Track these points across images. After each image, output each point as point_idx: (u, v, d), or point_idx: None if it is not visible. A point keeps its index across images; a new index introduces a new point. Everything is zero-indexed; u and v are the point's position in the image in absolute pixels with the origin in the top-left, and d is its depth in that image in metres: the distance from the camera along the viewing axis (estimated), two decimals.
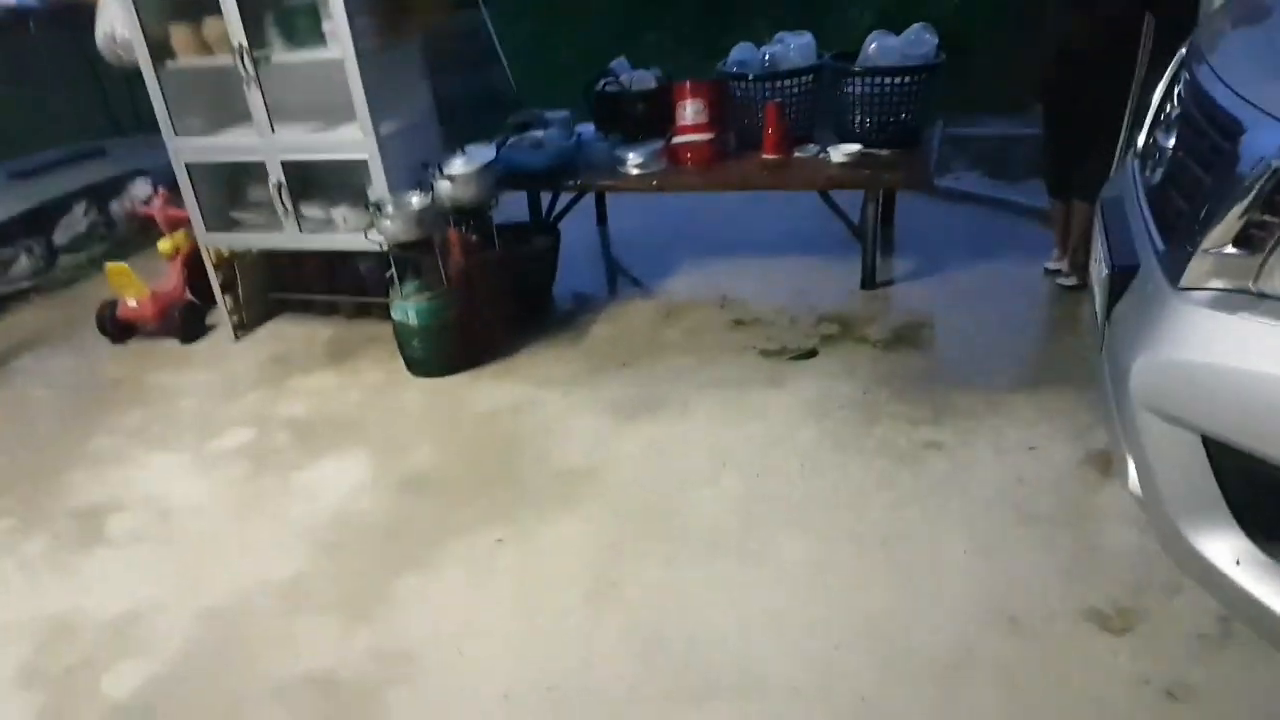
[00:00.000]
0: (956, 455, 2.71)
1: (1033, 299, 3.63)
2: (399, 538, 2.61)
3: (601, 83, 4.26)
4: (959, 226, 4.41)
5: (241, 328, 4.01)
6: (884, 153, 3.79)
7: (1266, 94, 1.42)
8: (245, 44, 3.31)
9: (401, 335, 3.44)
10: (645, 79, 4.24)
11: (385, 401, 3.36)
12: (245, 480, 2.98)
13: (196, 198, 3.70)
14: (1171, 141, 1.67)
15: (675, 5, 9.82)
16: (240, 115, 3.52)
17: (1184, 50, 1.91)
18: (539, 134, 4.15)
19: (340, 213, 3.63)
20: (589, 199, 4.58)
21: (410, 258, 3.36)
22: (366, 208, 3.29)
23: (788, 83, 3.95)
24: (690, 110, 4.00)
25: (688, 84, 4.02)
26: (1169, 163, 1.67)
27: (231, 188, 3.85)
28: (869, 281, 3.85)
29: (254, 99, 3.41)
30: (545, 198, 4.26)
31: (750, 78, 3.98)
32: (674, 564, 2.39)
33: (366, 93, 3.29)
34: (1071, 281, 3.59)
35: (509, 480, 2.82)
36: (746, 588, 2.28)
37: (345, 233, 3.64)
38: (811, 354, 3.39)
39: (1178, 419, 1.42)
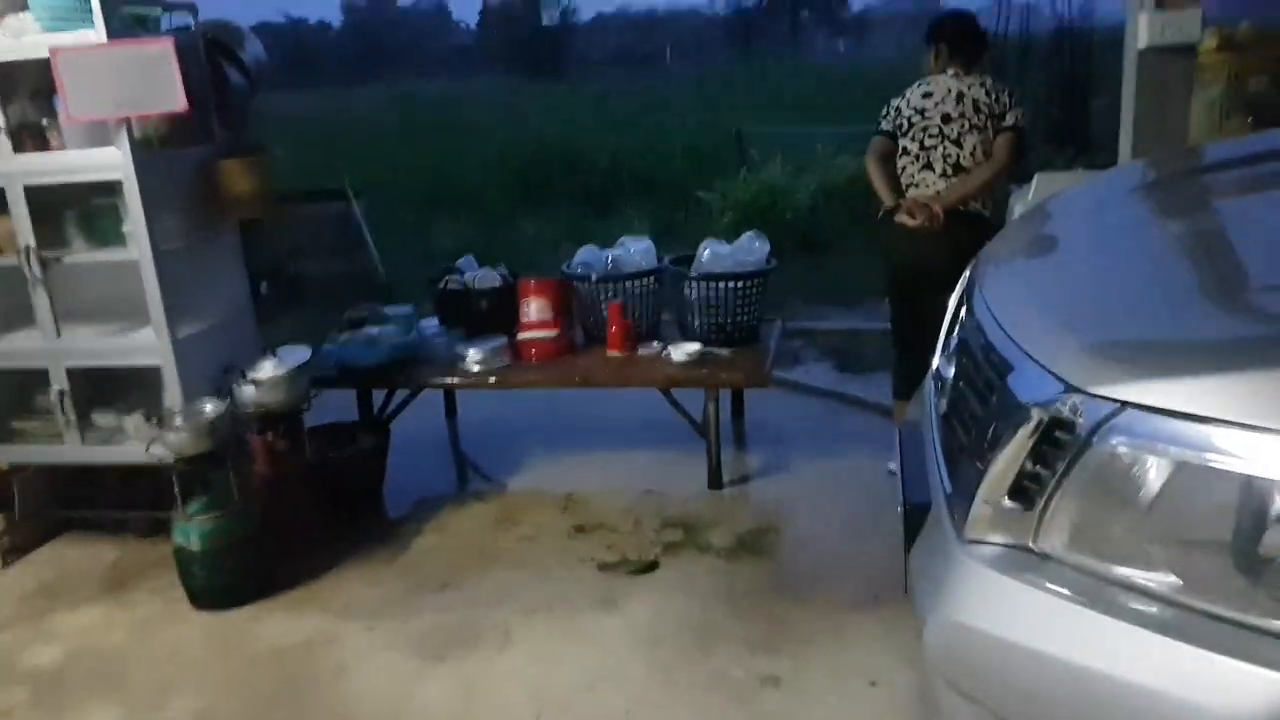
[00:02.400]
0: (793, 690, 2.46)
1: (879, 500, 3.51)
2: None
3: (445, 280, 4.16)
4: (810, 421, 4.37)
5: (13, 551, 3.52)
6: (723, 351, 3.75)
7: (1032, 334, 1.34)
8: (33, 244, 3.06)
9: (182, 562, 3.03)
10: (490, 277, 4.16)
11: (156, 641, 2.92)
12: None
13: None
14: (953, 372, 1.59)
15: (559, 201, 10.22)
16: (28, 317, 3.21)
17: (969, 273, 1.88)
18: (374, 330, 3.97)
19: (134, 421, 3.30)
20: (437, 393, 4.37)
21: (197, 472, 3.02)
22: (148, 419, 2.96)
23: (630, 284, 3.93)
24: (534, 307, 3.91)
25: (531, 282, 3.95)
26: (952, 392, 1.58)
27: (19, 393, 3.46)
28: (715, 481, 3.70)
29: (39, 301, 3.13)
30: (380, 395, 4.02)
31: (594, 278, 3.95)
32: None
33: (165, 294, 3.06)
34: None
35: None
36: None
37: (138, 443, 3.28)
38: (651, 566, 3.15)
39: (971, 697, 1.23)
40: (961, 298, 1.83)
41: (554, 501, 3.68)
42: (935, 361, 1.89)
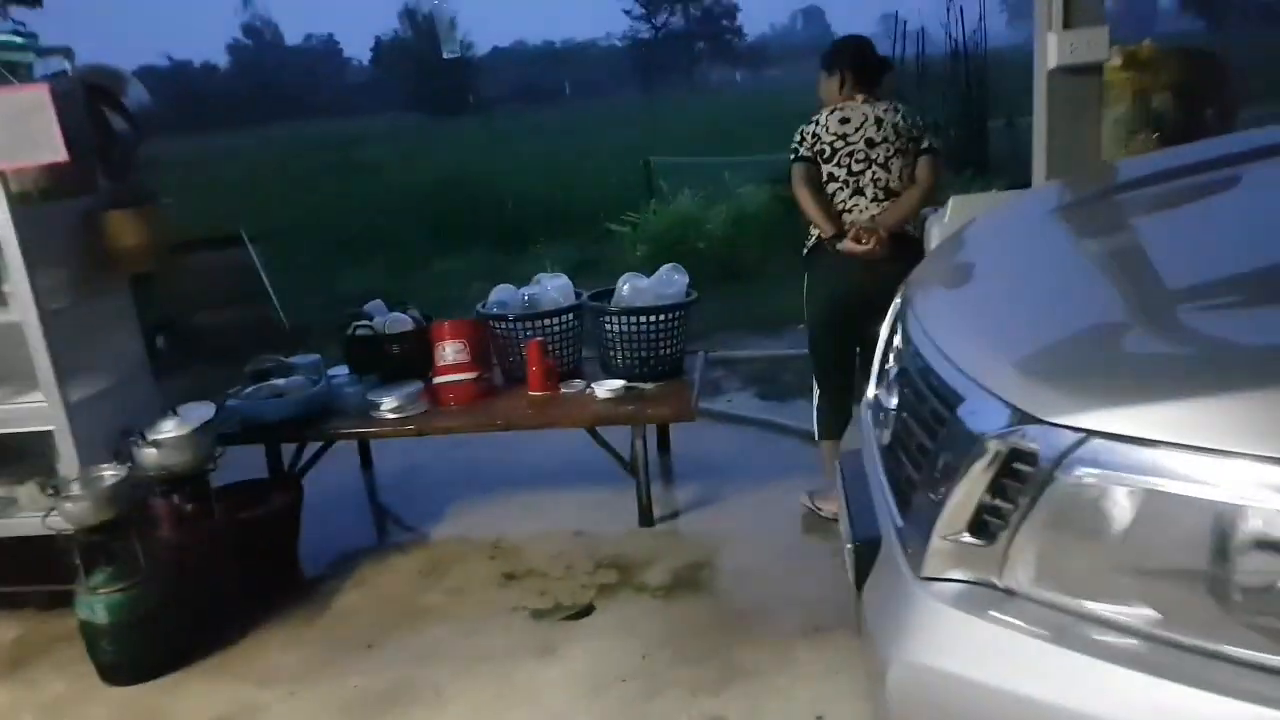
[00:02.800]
0: None
1: (811, 528, 3.53)
2: None
3: (353, 326, 4.00)
4: (736, 450, 4.36)
5: None
6: (648, 386, 3.71)
7: (980, 362, 1.33)
8: None
9: (88, 637, 2.80)
10: (402, 321, 4.02)
11: None
12: None
13: None
14: (894, 402, 1.57)
15: (469, 239, 10.07)
16: None
17: (899, 299, 1.88)
18: (280, 382, 3.79)
19: (27, 491, 3.05)
20: (351, 444, 4.19)
21: (99, 543, 2.80)
22: (43, 488, 2.73)
23: (548, 321, 3.86)
24: (450, 350, 3.79)
25: (445, 324, 3.84)
26: (894, 422, 1.57)
27: None
28: (646, 518, 3.64)
29: None
30: (290, 450, 3.82)
31: (511, 317, 3.87)
32: None
33: (53, 356, 2.85)
34: (831, 514, 3.48)
35: None
36: None
37: (33, 514, 3.03)
38: (587, 611, 3.06)
39: None
40: (894, 324, 1.82)
41: (481, 549, 3.55)
42: (870, 390, 1.88)
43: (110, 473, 2.85)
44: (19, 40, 3.41)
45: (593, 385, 3.71)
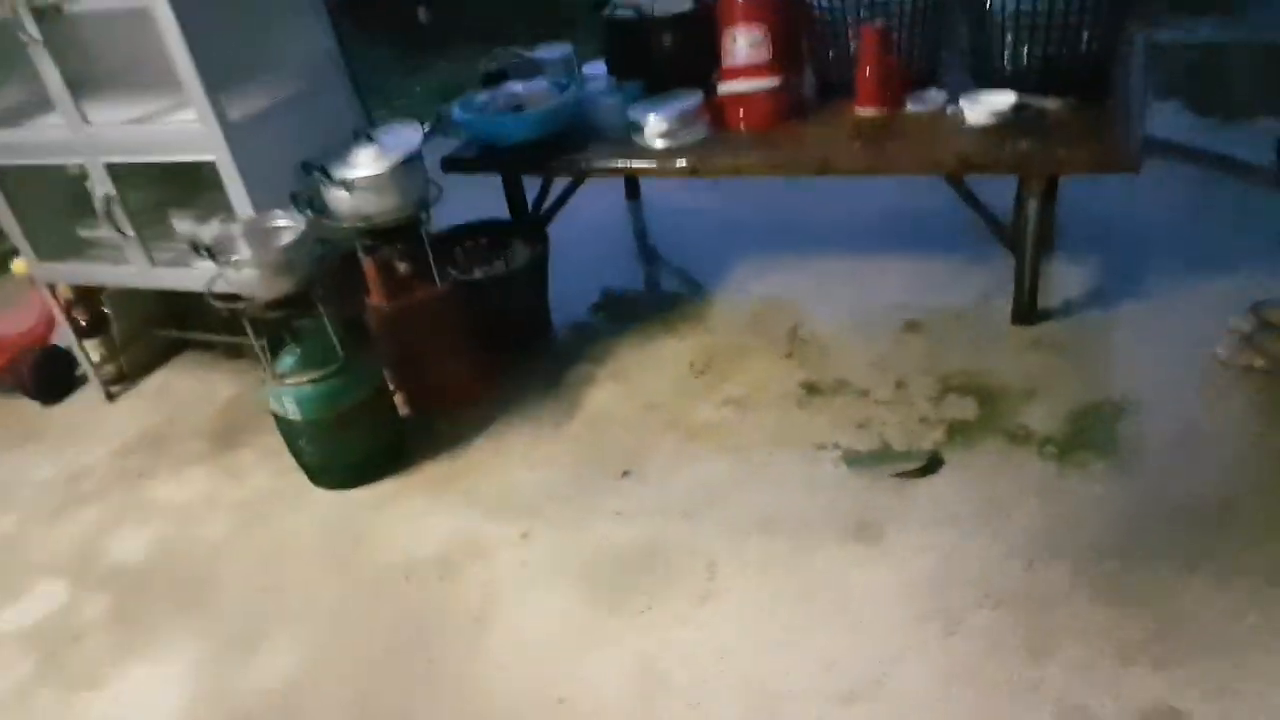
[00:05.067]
0: None
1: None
2: None
3: (611, 2, 2.86)
4: (1156, 200, 2.87)
5: (121, 379, 2.93)
6: (1052, 104, 2.32)
7: None
8: None
9: (285, 434, 2.27)
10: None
11: (259, 535, 2.23)
12: (10, 705, 1.91)
13: (14, 212, 2.55)
14: None
15: None
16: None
17: None
18: (518, 87, 2.83)
19: (206, 230, 2.43)
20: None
21: (281, 320, 2.15)
22: (198, 249, 2.04)
23: None
24: (743, 42, 2.57)
25: (739, 2, 2.57)
26: None
27: (75, 200, 2.65)
28: (1026, 314, 2.44)
29: (47, 72, 2.20)
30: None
31: None
32: None
33: (198, 54, 2.04)
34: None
35: None
36: None
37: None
38: (932, 466, 2.05)
39: None
40: None
41: (773, 339, 2.58)
42: None
43: (285, 225, 2.12)
44: None
45: (961, 101, 2.39)
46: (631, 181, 3.48)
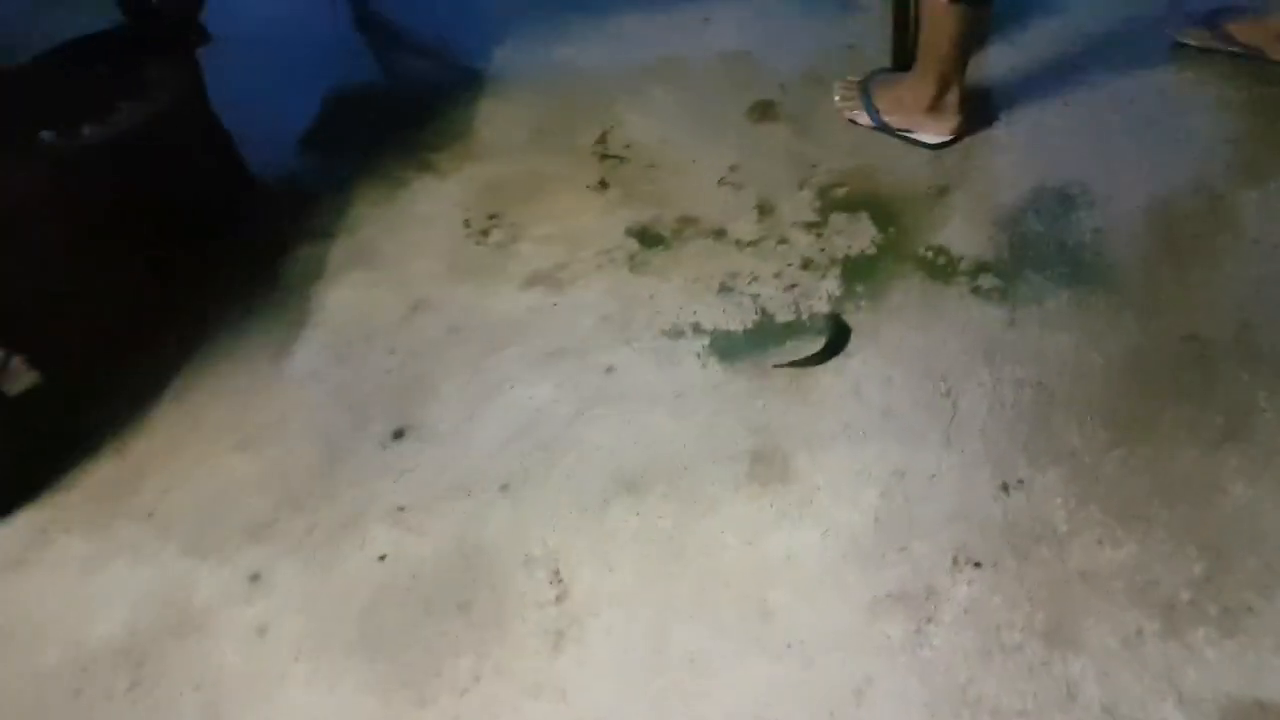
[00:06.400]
0: None
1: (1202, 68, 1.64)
2: None
3: None
4: None
5: None
6: None
7: None
8: None
9: None
10: None
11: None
12: None
13: None
14: None
15: None
16: None
17: None
18: None
19: None
20: None
21: None
22: None
23: None
24: None
25: None
26: None
27: None
28: (910, 62, 1.75)
29: None
30: None
31: None
32: None
33: None
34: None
35: None
36: None
37: None
38: (836, 341, 1.42)
39: None
40: None
41: (577, 159, 1.79)
42: None
43: None
44: None
45: None
46: None
